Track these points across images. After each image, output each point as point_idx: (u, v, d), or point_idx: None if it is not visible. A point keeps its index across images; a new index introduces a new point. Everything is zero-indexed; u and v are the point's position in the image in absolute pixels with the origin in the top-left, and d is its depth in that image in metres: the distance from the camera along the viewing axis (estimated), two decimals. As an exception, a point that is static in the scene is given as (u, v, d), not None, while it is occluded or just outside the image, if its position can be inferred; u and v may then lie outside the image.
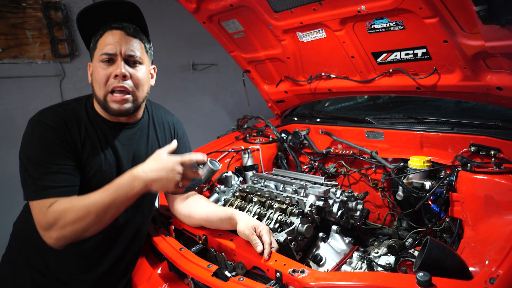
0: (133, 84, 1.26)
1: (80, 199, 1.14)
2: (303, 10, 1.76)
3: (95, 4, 1.26)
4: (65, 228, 1.10)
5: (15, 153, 2.77)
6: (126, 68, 1.23)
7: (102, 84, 1.22)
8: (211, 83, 3.99)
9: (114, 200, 1.13)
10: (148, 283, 1.39)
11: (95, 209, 1.11)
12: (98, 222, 1.13)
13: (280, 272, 1.07)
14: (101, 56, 1.22)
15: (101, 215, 1.12)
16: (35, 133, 1.19)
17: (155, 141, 1.45)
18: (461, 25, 1.41)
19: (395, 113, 2.07)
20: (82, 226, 1.11)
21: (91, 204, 1.11)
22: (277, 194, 1.60)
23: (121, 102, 1.24)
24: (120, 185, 1.14)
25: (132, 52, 1.25)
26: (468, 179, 1.39)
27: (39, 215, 1.13)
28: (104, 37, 1.24)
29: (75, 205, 1.11)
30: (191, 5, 1.98)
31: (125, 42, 1.24)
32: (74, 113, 1.27)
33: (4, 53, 2.53)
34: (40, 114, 1.23)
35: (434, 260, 0.98)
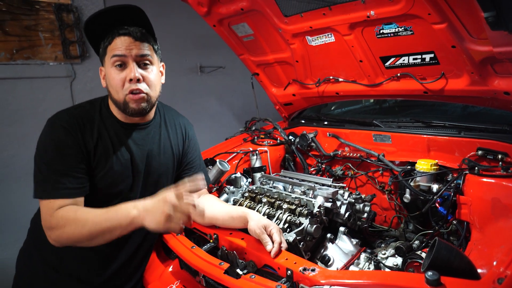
0: (146, 85, 1.31)
1: (83, 211, 1.20)
2: (313, 15, 1.80)
3: (100, 11, 1.29)
4: (62, 235, 1.18)
5: (26, 152, 2.82)
6: (139, 71, 1.28)
7: (119, 88, 1.28)
8: (218, 85, 4.03)
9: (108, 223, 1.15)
10: (159, 280, 1.42)
11: (91, 226, 1.15)
12: (90, 239, 1.18)
13: (291, 270, 1.10)
14: (112, 59, 1.26)
15: (94, 234, 1.16)
16: (49, 134, 1.26)
17: (167, 140, 1.49)
18: (469, 31, 1.43)
19: (402, 116, 2.09)
20: (75, 238, 1.17)
21: (89, 220, 1.17)
22: (286, 195, 1.62)
23: (139, 101, 1.29)
24: (120, 210, 1.16)
25: (141, 53, 1.29)
26: (476, 182, 1.41)
27: (45, 215, 1.21)
28: (113, 43, 1.27)
29: (77, 219, 1.17)
30: (203, 8, 2.02)
31: (134, 46, 1.28)
32: (88, 115, 1.32)
33: (18, 54, 2.58)
34: (56, 115, 1.30)
35: (442, 261, 0.99)
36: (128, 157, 1.36)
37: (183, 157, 1.55)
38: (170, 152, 1.49)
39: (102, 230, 1.15)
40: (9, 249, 2.60)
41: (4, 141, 2.61)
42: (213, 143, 2.37)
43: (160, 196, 1.12)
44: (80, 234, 1.16)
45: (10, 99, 2.61)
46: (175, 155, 1.51)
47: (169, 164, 1.48)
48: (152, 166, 1.42)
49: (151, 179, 1.42)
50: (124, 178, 1.34)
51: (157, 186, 1.44)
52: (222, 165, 1.86)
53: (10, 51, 2.55)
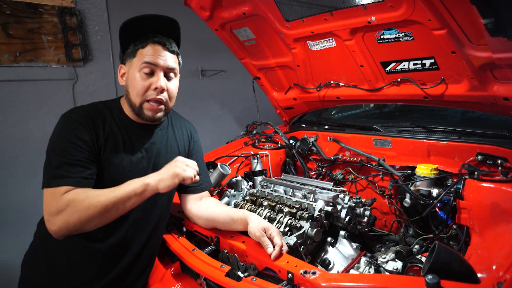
0: (167, 96, 1.35)
1: (94, 190, 1.20)
2: (315, 20, 1.81)
3: (141, 16, 1.32)
4: (73, 215, 1.15)
5: (29, 154, 2.82)
6: (164, 82, 1.32)
7: (141, 93, 1.31)
8: (220, 89, 4.05)
9: (123, 196, 1.18)
10: (161, 282, 1.42)
11: (104, 201, 1.16)
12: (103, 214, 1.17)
13: (292, 273, 1.10)
14: (142, 64, 1.30)
15: (108, 209, 1.17)
16: (62, 126, 1.28)
17: (174, 141, 1.52)
18: (469, 37, 1.44)
19: (403, 121, 2.11)
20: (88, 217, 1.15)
21: (103, 196, 1.17)
22: (287, 199, 1.63)
23: (156, 111, 1.34)
24: (133, 182, 1.21)
25: (171, 66, 1.34)
26: (475, 187, 1.42)
27: (51, 201, 1.17)
28: (146, 48, 1.31)
29: (89, 195, 1.17)
30: (205, 13, 2.04)
31: (166, 56, 1.33)
32: (100, 113, 1.35)
33: (21, 56, 2.59)
34: (70, 110, 1.33)
35: (442, 264, 1.00)
36: (137, 155, 1.38)
37: (188, 158, 1.57)
38: (177, 152, 1.52)
39: (117, 201, 1.17)
40: (10, 250, 2.61)
41: (7, 142, 2.62)
42: (214, 146, 2.38)
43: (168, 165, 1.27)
44: (95, 208, 1.15)
45: (13, 101, 2.62)
46: (181, 155, 1.53)
47: None
48: (160, 164, 1.42)
49: None
50: (132, 175, 1.34)
51: None
52: (223, 169, 1.87)
53: (14, 54, 2.57)
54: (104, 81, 3.06)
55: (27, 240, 1.44)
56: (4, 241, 2.61)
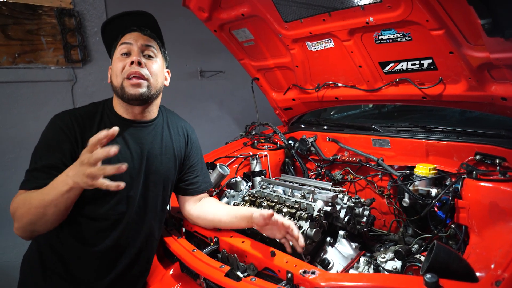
0: (148, 71, 1.34)
1: (29, 195, 1.18)
2: (313, 21, 1.82)
3: (116, 15, 1.37)
4: (21, 220, 1.17)
5: (28, 155, 2.82)
6: (141, 57, 1.34)
7: (119, 72, 1.32)
8: (218, 90, 4.05)
9: (49, 196, 1.13)
10: (160, 283, 1.42)
11: (36, 204, 1.14)
12: (41, 216, 1.15)
13: (291, 272, 1.11)
14: (119, 47, 1.34)
15: (40, 210, 1.14)
16: (46, 131, 1.31)
17: (169, 141, 1.50)
18: (466, 37, 1.45)
19: (401, 121, 2.11)
20: (28, 219, 1.15)
21: (33, 199, 1.15)
22: (286, 199, 1.64)
23: (137, 86, 1.31)
24: (55, 183, 1.13)
25: (147, 43, 1.36)
26: (474, 186, 1.43)
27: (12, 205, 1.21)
28: (122, 38, 1.36)
29: (26, 199, 1.17)
30: (204, 14, 2.04)
31: (141, 38, 1.37)
32: (89, 114, 1.36)
33: (20, 58, 2.60)
34: (57, 115, 1.34)
35: (441, 263, 1.00)
36: (127, 154, 1.36)
37: (185, 159, 1.56)
38: (172, 153, 1.50)
39: (46, 205, 1.13)
40: (9, 252, 2.61)
41: (6, 144, 2.62)
42: (213, 147, 2.39)
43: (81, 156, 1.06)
44: (31, 214, 1.14)
45: (12, 103, 2.62)
46: (177, 156, 1.52)
47: (171, 165, 1.49)
48: (154, 165, 1.42)
49: (152, 179, 1.42)
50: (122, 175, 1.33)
51: (159, 186, 1.45)
52: (223, 169, 1.87)
53: (13, 55, 2.57)
54: (103, 82, 3.07)
55: (26, 242, 1.44)
56: (4, 242, 2.61)
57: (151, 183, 1.42)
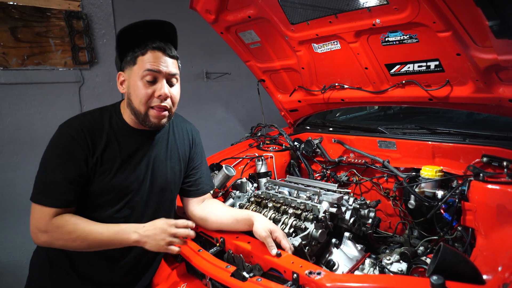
0: (171, 102, 1.35)
1: (83, 224, 1.26)
2: (319, 23, 1.82)
3: (139, 22, 1.30)
4: (57, 240, 1.25)
5: (36, 156, 2.85)
6: (168, 89, 1.32)
7: (144, 101, 1.30)
8: (224, 91, 4.07)
9: (109, 241, 1.26)
10: (166, 282, 1.43)
11: (91, 241, 1.25)
12: (87, 249, 1.28)
13: (297, 273, 1.11)
14: (144, 72, 1.28)
15: (93, 246, 1.27)
16: (57, 141, 1.30)
17: (174, 145, 1.52)
18: (474, 39, 1.45)
19: (407, 123, 2.11)
20: (71, 247, 1.27)
21: (91, 234, 1.24)
22: (292, 200, 1.64)
23: (161, 118, 1.34)
24: (121, 231, 1.27)
25: (173, 72, 1.33)
26: (481, 188, 1.42)
27: (39, 218, 1.25)
28: (146, 56, 1.29)
29: (77, 228, 1.24)
30: (211, 16, 2.06)
31: (167, 62, 1.32)
32: (97, 122, 1.34)
33: (29, 60, 2.63)
34: (66, 123, 1.33)
35: (447, 265, 1.00)
36: (136, 162, 1.38)
37: (189, 162, 1.58)
38: (177, 157, 1.51)
39: (101, 246, 1.27)
40: (16, 251, 2.63)
41: (14, 145, 2.65)
42: (219, 148, 2.40)
43: (159, 224, 1.28)
44: (78, 246, 1.25)
45: (21, 104, 2.66)
46: (182, 160, 1.53)
47: (176, 169, 1.51)
48: (159, 171, 1.44)
49: (158, 184, 1.44)
50: (130, 183, 1.36)
51: (164, 191, 1.47)
52: (228, 170, 1.88)
53: (22, 57, 2.60)
54: (110, 84, 3.09)
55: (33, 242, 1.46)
56: (12, 242, 2.64)
57: (157, 188, 1.44)
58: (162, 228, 1.26)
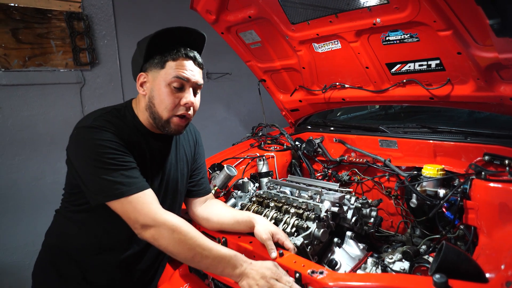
0: (193, 111, 1.35)
1: (194, 233, 1.18)
2: (320, 22, 1.83)
3: (175, 28, 1.28)
4: (163, 239, 1.15)
5: (38, 157, 2.85)
6: (193, 99, 1.31)
7: (170, 108, 1.28)
8: (225, 92, 4.07)
9: (215, 262, 1.16)
10: (169, 283, 1.43)
11: (198, 253, 1.15)
12: (186, 260, 1.18)
13: (300, 272, 1.11)
14: (173, 78, 1.26)
15: (196, 260, 1.16)
16: (97, 136, 1.19)
17: (181, 147, 1.53)
18: (474, 38, 1.45)
19: (409, 122, 2.11)
20: (174, 251, 1.16)
21: (200, 247, 1.15)
22: (293, 200, 1.64)
23: (182, 126, 1.34)
24: (231, 259, 1.16)
25: (200, 82, 1.34)
26: (483, 187, 1.42)
27: (140, 211, 1.16)
28: (177, 62, 1.27)
29: (188, 234, 1.16)
30: (211, 16, 2.06)
31: (195, 71, 1.32)
32: (120, 121, 1.30)
33: (30, 61, 2.64)
34: (94, 121, 1.23)
35: (450, 264, 1.00)
36: (156, 166, 1.38)
37: (193, 162, 1.59)
38: (185, 159, 1.52)
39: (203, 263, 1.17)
40: (19, 252, 2.64)
41: (17, 146, 2.66)
42: (220, 148, 2.40)
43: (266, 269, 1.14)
44: (183, 253, 1.16)
45: (22, 105, 2.66)
46: (189, 161, 1.55)
47: (184, 170, 1.51)
48: (171, 173, 1.44)
49: (171, 186, 1.45)
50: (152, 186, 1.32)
51: (176, 192, 1.48)
52: (230, 170, 1.88)
53: (23, 59, 2.61)
54: (111, 85, 3.10)
55: (37, 242, 1.46)
56: (15, 242, 2.65)
57: (170, 189, 1.45)
58: (266, 275, 1.12)
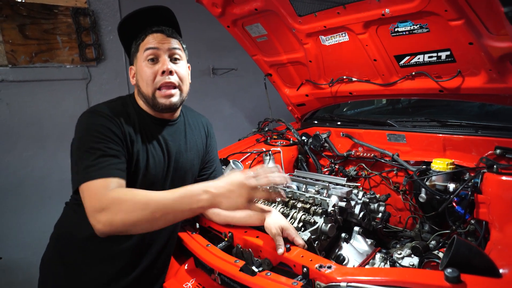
0: (178, 78, 1.33)
1: (143, 192, 1.09)
2: (327, 14, 1.80)
3: (133, 12, 1.33)
4: (116, 215, 1.04)
5: (45, 152, 2.87)
6: (170, 64, 1.31)
7: (150, 81, 1.29)
8: (231, 87, 4.06)
9: (176, 204, 1.07)
10: (175, 278, 1.43)
11: (154, 207, 1.05)
12: (151, 221, 1.06)
13: (307, 267, 1.09)
14: (145, 52, 1.29)
15: (157, 215, 1.05)
16: (91, 121, 1.22)
17: (192, 138, 1.52)
18: (487, 27, 1.41)
19: (417, 116, 2.07)
20: (133, 219, 1.04)
21: (152, 200, 1.06)
22: (300, 194, 1.62)
23: (169, 96, 1.31)
24: (189, 192, 1.08)
25: (173, 45, 1.33)
26: (494, 180, 1.38)
27: (95, 195, 1.08)
28: (145, 40, 1.32)
29: (136, 196, 1.07)
30: (217, 9, 2.04)
31: (166, 41, 1.32)
32: (124, 108, 1.33)
33: (37, 57, 2.65)
34: (95, 106, 1.28)
35: (461, 258, 0.97)
36: (161, 153, 1.37)
37: (205, 154, 1.59)
38: (195, 149, 1.51)
39: (167, 212, 1.06)
40: (28, 249, 2.67)
41: (24, 141, 2.68)
42: (226, 144, 2.39)
43: (233, 179, 1.08)
44: (140, 211, 1.04)
45: (29, 101, 2.68)
46: (200, 152, 1.54)
47: (195, 160, 1.51)
48: (180, 162, 1.43)
49: (178, 175, 1.44)
50: (156, 173, 1.35)
51: (183, 182, 1.46)
52: (236, 165, 1.87)
53: (30, 55, 2.62)
54: (117, 80, 3.11)
55: (44, 239, 1.46)
56: (22, 239, 2.67)
57: (177, 180, 1.43)
58: (239, 182, 1.07)
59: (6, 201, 2.62)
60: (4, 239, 2.64)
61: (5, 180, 2.61)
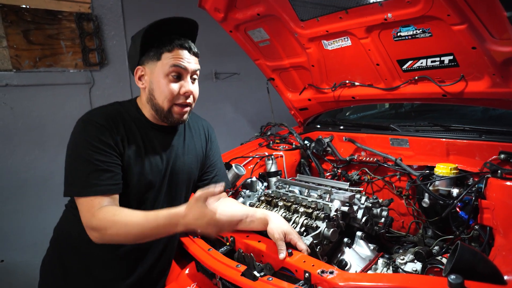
0: (193, 99, 1.37)
1: (126, 216, 1.19)
2: (329, 19, 1.80)
3: (167, 18, 1.30)
4: (104, 235, 1.19)
5: (47, 156, 2.88)
6: (192, 87, 1.34)
7: (170, 97, 1.31)
8: (233, 92, 4.07)
9: (154, 230, 1.18)
10: (176, 282, 1.42)
11: (135, 232, 1.18)
12: (135, 241, 1.24)
13: (309, 272, 1.08)
14: (170, 68, 1.29)
15: (139, 238, 1.21)
16: (84, 131, 1.25)
17: (191, 141, 1.51)
18: (490, 31, 1.40)
19: (420, 120, 2.06)
20: (120, 240, 1.22)
21: (133, 225, 1.17)
22: (302, 199, 1.61)
23: (183, 114, 1.36)
24: (167, 220, 1.18)
25: (197, 68, 1.36)
26: (499, 186, 1.37)
27: (86, 213, 1.20)
28: (173, 53, 1.30)
29: (119, 221, 1.17)
30: (219, 14, 2.05)
31: (191, 59, 1.34)
32: (120, 114, 1.33)
33: (40, 62, 2.67)
34: (89, 113, 1.30)
35: (465, 264, 0.96)
36: (155, 157, 1.37)
37: (206, 159, 1.58)
38: (194, 153, 1.51)
39: (149, 236, 1.20)
40: (28, 252, 2.66)
41: (26, 146, 2.68)
42: (228, 148, 2.38)
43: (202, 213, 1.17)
44: (125, 238, 1.21)
45: (32, 105, 2.69)
46: (199, 156, 1.54)
47: (193, 164, 1.51)
48: (177, 166, 1.43)
49: (175, 179, 1.44)
50: (153, 178, 1.35)
51: (181, 186, 1.47)
52: (238, 169, 1.86)
53: (34, 59, 2.64)
54: (120, 85, 3.12)
55: (45, 242, 1.47)
56: (23, 242, 2.67)
57: (174, 183, 1.44)
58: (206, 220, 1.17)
59: (8, 204, 2.62)
60: (6, 242, 2.64)
61: (7, 183, 2.61)
